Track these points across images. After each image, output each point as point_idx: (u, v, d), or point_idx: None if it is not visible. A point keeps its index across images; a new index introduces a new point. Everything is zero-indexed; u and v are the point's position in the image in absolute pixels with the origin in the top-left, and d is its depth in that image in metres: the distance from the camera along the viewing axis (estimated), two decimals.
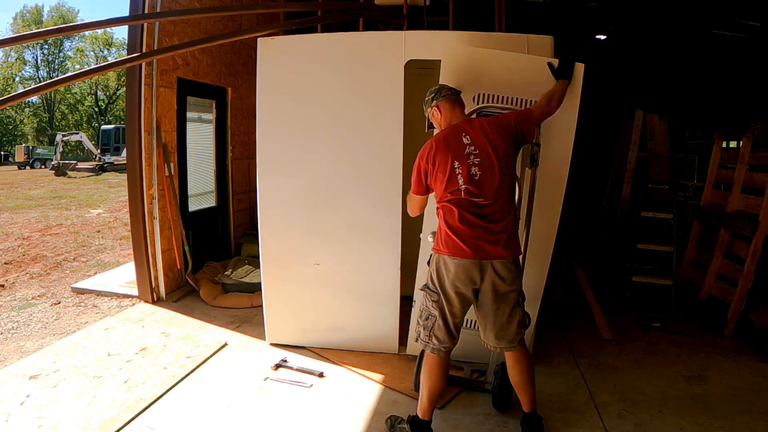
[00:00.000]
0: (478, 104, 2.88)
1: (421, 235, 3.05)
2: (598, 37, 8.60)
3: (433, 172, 2.41)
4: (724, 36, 7.59)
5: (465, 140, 2.39)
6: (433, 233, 2.86)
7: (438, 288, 2.44)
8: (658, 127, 6.38)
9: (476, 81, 2.87)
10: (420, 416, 2.48)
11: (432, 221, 2.95)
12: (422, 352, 2.75)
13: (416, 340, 2.58)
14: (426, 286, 2.50)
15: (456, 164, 2.36)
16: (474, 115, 2.77)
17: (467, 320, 3.11)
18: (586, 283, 5.01)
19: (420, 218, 3.03)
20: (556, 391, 3.00)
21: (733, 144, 6.02)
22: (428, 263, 2.54)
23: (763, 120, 4.10)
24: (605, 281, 5.12)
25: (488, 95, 2.87)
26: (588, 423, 2.69)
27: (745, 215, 3.98)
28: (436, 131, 2.62)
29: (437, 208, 2.48)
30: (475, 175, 2.34)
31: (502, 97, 2.85)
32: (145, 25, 4.12)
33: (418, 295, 2.83)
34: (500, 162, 2.36)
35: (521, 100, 2.83)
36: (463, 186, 2.35)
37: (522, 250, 2.52)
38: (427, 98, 2.59)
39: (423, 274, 3.03)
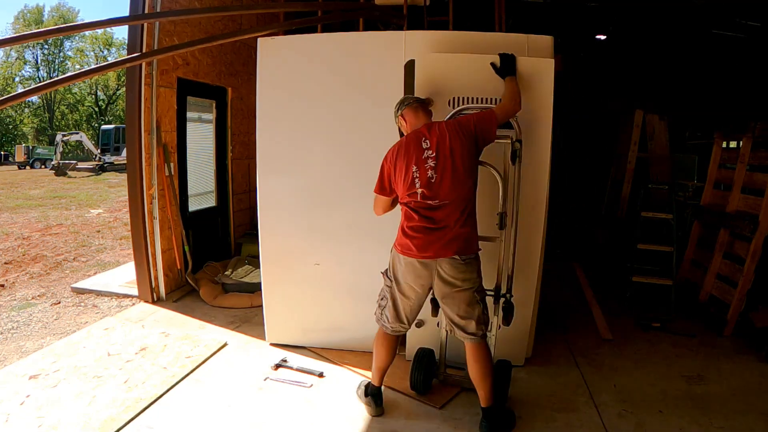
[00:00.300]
0: (453, 107, 2.90)
1: None
2: (598, 37, 8.60)
3: (395, 175, 2.55)
4: (724, 36, 7.59)
5: (424, 145, 2.49)
6: None
7: (392, 277, 2.64)
8: (658, 127, 6.38)
9: (450, 85, 2.92)
10: (373, 383, 2.80)
11: None
12: (416, 354, 2.92)
13: (374, 314, 2.77)
14: (385, 271, 2.72)
15: (414, 168, 2.47)
16: (446, 118, 2.81)
17: None
18: (586, 283, 5.01)
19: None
20: (556, 391, 3.00)
21: (733, 144, 6.01)
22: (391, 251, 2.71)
23: (763, 120, 4.10)
24: (605, 281, 5.12)
25: (463, 98, 2.91)
26: (588, 423, 2.69)
27: (745, 215, 3.98)
28: None
29: (401, 207, 2.61)
30: (431, 178, 2.45)
31: (477, 98, 2.89)
32: (145, 25, 4.12)
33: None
34: (455, 164, 2.44)
35: (497, 99, 2.85)
36: (420, 189, 2.47)
37: (478, 248, 2.56)
38: (394, 109, 2.72)
39: None
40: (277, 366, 3.26)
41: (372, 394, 2.78)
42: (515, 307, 2.80)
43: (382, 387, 2.83)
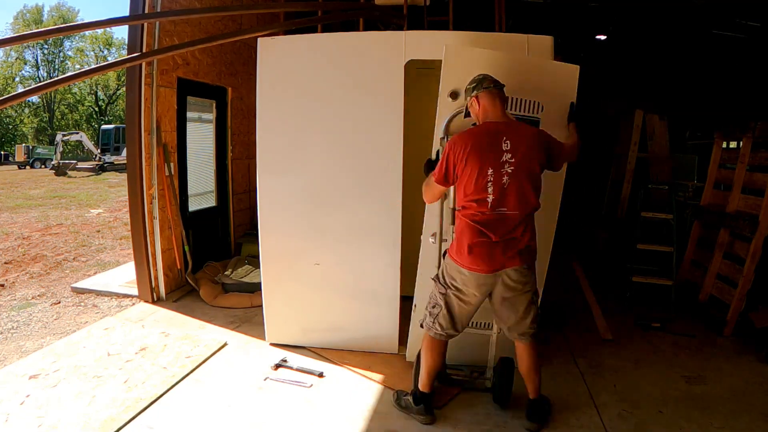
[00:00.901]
0: None
1: (422, 237, 3.05)
2: (598, 37, 8.60)
3: (463, 169, 2.39)
4: (724, 36, 7.59)
5: (504, 146, 2.35)
6: (434, 235, 2.92)
7: (448, 284, 2.55)
8: (658, 128, 6.37)
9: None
10: (422, 389, 2.70)
11: (433, 223, 2.97)
12: (418, 356, 2.85)
13: (421, 325, 2.71)
14: (437, 277, 2.62)
15: (489, 171, 2.34)
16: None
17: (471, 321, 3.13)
18: (586, 283, 5.01)
19: (420, 218, 3.04)
20: (556, 392, 2.99)
21: (733, 144, 6.01)
22: (443, 255, 2.65)
23: (763, 120, 4.10)
24: (605, 281, 5.12)
25: None
26: (588, 423, 2.69)
27: (745, 216, 3.98)
28: (473, 121, 2.61)
29: (458, 211, 2.50)
30: (505, 185, 2.35)
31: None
32: (146, 25, 4.12)
33: (424, 286, 2.99)
34: (533, 173, 2.39)
35: (521, 100, 2.84)
36: (491, 196, 2.36)
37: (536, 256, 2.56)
38: (468, 86, 2.55)
39: (423, 277, 3.06)
40: (277, 366, 3.26)
41: (425, 401, 2.68)
42: None
43: (388, 388, 2.84)
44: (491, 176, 2.34)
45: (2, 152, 31.50)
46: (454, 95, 2.82)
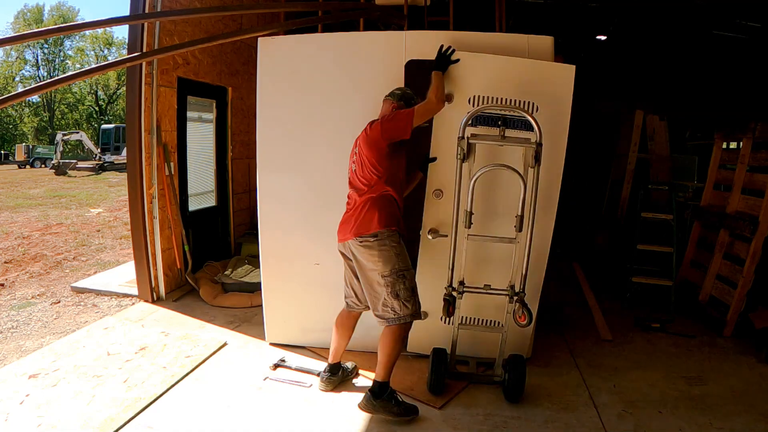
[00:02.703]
0: (474, 106, 2.91)
1: (421, 233, 3.09)
2: (598, 37, 8.60)
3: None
4: (724, 37, 7.59)
5: (357, 141, 2.84)
6: (432, 231, 3.04)
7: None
8: (658, 128, 6.37)
9: (470, 84, 2.92)
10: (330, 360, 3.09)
11: (431, 219, 3.05)
12: (432, 358, 2.98)
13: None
14: None
15: (350, 162, 2.87)
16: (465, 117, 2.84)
17: (468, 318, 3.14)
18: (586, 283, 5.01)
19: (419, 217, 3.05)
20: (555, 392, 3.00)
21: (733, 145, 6.01)
22: None
23: (764, 121, 4.10)
24: (605, 282, 5.12)
25: (483, 97, 2.92)
26: (587, 423, 2.69)
27: (745, 216, 3.98)
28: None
29: None
30: (354, 171, 2.81)
31: (496, 98, 2.90)
32: (146, 24, 4.12)
33: (423, 282, 3.08)
34: (363, 158, 2.74)
35: (514, 100, 2.89)
36: (348, 179, 2.86)
37: (369, 230, 2.68)
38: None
39: (422, 274, 3.09)
40: (276, 366, 3.26)
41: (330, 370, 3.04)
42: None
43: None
44: (350, 164, 2.86)
45: (2, 151, 31.51)
46: (448, 98, 2.89)
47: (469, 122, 2.80)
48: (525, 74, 2.88)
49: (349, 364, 3.17)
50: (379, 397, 2.68)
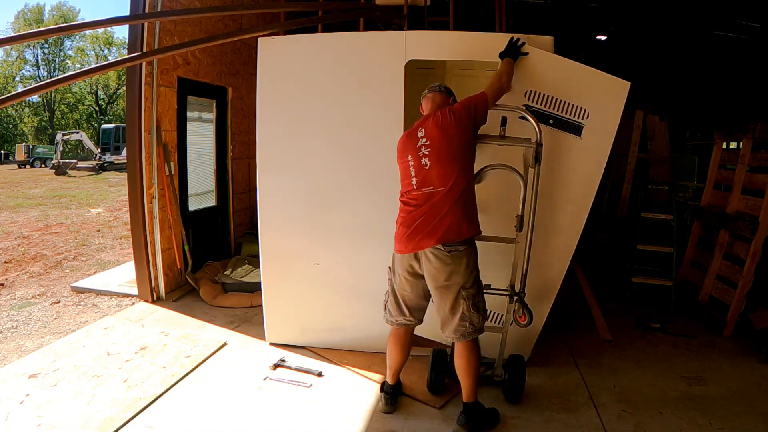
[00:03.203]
0: (528, 100, 2.93)
1: None
2: (598, 37, 8.60)
3: (398, 164, 2.64)
4: (724, 37, 7.59)
5: (419, 134, 2.55)
6: None
7: (392, 270, 2.72)
8: (658, 128, 6.38)
9: (529, 79, 2.93)
10: (387, 380, 2.85)
11: None
12: (432, 357, 2.97)
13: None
14: (389, 266, 2.76)
15: (409, 157, 2.54)
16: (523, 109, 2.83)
17: None
18: (586, 283, 5.01)
19: None
20: (555, 392, 3.00)
21: (733, 145, 6.01)
22: None
23: (764, 121, 4.10)
24: (605, 282, 5.12)
25: (542, 94, 2.92)
26: (587, 424, 2.69)
27: (745, 216, 3.98)
28: None
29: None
30: (425, 166, 2.48)
31: (554, 98, 2.92)
32: (146, 24, 4.12)
33: None
34: (450, 148, 2.47)
35: (570, 104, 2.91)
36: (414, 178, 2.52)
37: (461, 236, 2.47)
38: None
39: None
40: (276, 366, 3.26)
41: (384, 388, 2.84)
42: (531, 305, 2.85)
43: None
44: (411, 161, 2.53)
45: (2, 151, 31.51)
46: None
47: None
48: (580, 80, 2.90)
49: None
50: (476, 418, 2.59)
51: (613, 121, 2.91)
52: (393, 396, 2.81)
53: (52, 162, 22.55)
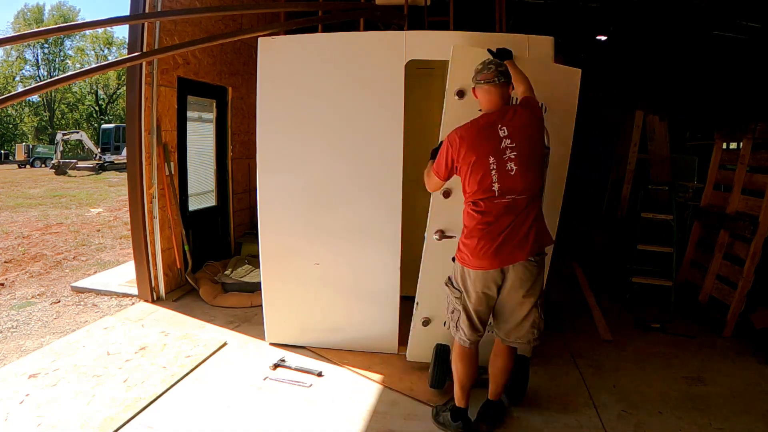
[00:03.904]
0: None
1: (426, 234, 3.06)
2: (598, 37, 8.60)
3: (462, 165, 2.33)
4: (724, 37, 7.59)
5: (501, 133, 2.29)
6: (439, 232, 2.94)
7: (461, 287, 2.44)
8: (658, 129, 6.37)
9: None
10: (456, 404, 2.58)
11: (438, 220, 2.99)
12: (435, 351, 2.91)
13: (447, 327, 2.58)
14: (450, 281, 2.50)
15: (491, 160, 2.27)
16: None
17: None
18: (586, 283, 5.01)
19: (423, 217, 3.04)
20: (555, 392, 3.00)
21: (733, 145, 6.01)
22: (453, 260, 2.50)
23: (764, 121, 4.10)
24: (605, 282, 5.12)
25: None
26: (587, 424, 2.69)
27: (745, 217, 3.98)
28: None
29: (465, 205, 2.42)
30: (510, 171, 2.27)
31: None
32: (146, 24, 4.12)
33: (426, 284, 3.00)
34: (530, 155, 2.30)
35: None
36: (497, 184, 2.27)
37: (547, 243, 2.42)
38: (473, 74, 2.47)
39: (426, 275, 3.07)
40: (276, 366, 3.26)
41: (458, 415, 2.57)
42: None
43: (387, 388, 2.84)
44: (493, 164, 2.26)
45: (2, 151, 31.51)
46: (460, 94, 2.86)
47: None
48: (536, 75, 2.85)
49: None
50: (502, 416, 2.64)
51: (571, 108, 2.93)
52: (469, 421, 2.58)
53: (52, 162, 22.55)
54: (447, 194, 2.98)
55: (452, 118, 2.90)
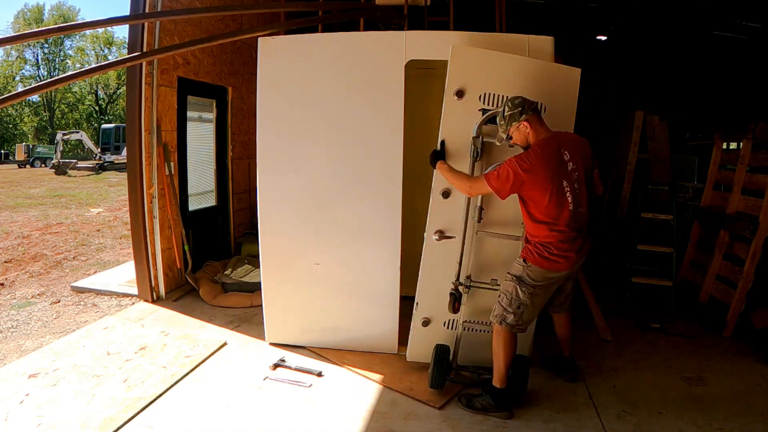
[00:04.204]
0: (483, 103, 2.91)
1: (425, 235, 3.07)
2: (598, 38, 8.60)
3: (533, 186, 2.56)
4: (724, 37, 7.59)
5: (565, 157, 2.60)
6: (439, 232, 2.99)
7: (535, 285, 2.71)
8: (658, 129, 6.36)
9: (484, 81, 2.90)
10: (500, 386, 2.76)
11: (438, 220, 3.01)
12: (435, 352, 2.95)
13: (500, 323, 2.76)
14: (521, 280, 2.71)
15: (564, 183, 2.57)
16: (481, 113, 2.85)
17: (477, 321, 3.11)
18: (586, 284, 5.00)
19: (423, 217, 3.05)
20: (555, 392, 3.00)
21: (733, 145, 6.01)
22: (523, 260, 2.73)
23: (764, 121, 4.10)
24: (605, 282, 5.11)
25: (495, 95, 2.89)
26: (587, 424, 2.69)
27: (745, 217, 3.98)
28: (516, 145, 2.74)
29: (538, 222, 2.63)
30: (578, 191, 2.61)
31: (502, 97, 2.88)
32: (146, 24, 4.12)
33: (426, 284, 3.08)
34: (584, 175, 2.65)
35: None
36: (571, 203, 2.59)
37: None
38: (511, 112, 2.62)
39: (426, 275, 3.08)
40: (276, 366, 3.26)
41: (502, 395, 2.77)
42: None
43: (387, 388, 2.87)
44: (567, 186, 2.58)
45: (2, 151, 31.50)
46: (459, 94, 2.87)
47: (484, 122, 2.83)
48: (535, 75, 2.89)
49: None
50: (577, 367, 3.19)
51: (571, 107, 2.94)
52: (510, 399, 2.80)
53: (52, 162, 22.54)
54: (446, 194, 2.98)
55: (451, 118, 2.91)
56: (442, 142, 2.94)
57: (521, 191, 2.62)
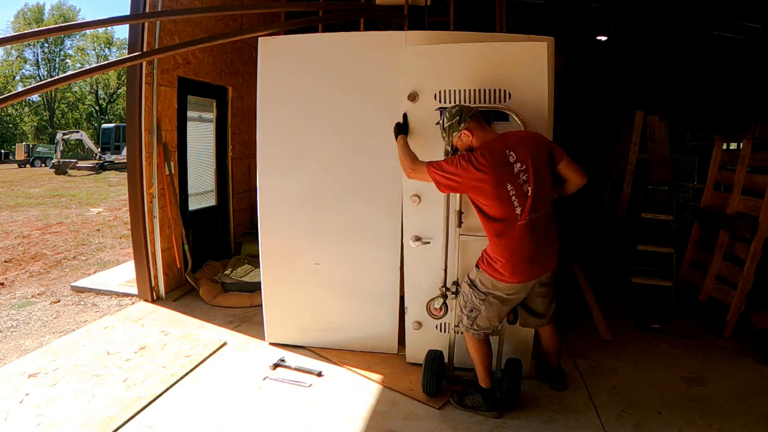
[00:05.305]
0: (440, 102, 2.89)
1: (403, 241, 3.09)
2: (598, 38, 8.60)
3: (475, 191, 2.48)
4: (725, 38, 7.59)
5: (511, 158, 2.44)
6: (416, 237, 3.01)
7: (487, 292, 2.64)
8: (658, 129, 6.36)
9: (437, 79, 2.89)
10: (484, 386, 2.78)
11: (412, 226, 3.03)
12: (427, 357, 2.94)
13: (456, 326, 2.82)
14: (474, 285, 2.68)
15: (509, 187, 2.43)
16: (439, 113, 2.80)
17: None
18: (586, 284, 5.01)
19: None
20: (555, 392, 3.00)
21: (733, 146, 6.00)
22: (476, 266, 2.68)
23: (764, 122, 4.09)
24: (605, 282, 5.12)
25: (452, 91, 2.87)
26: (587, 424, 2.69)
27: (745, 217, 3.98)
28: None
29: (489, 230, 2.55)
30: (527, 193, 2.44)
31: (467, 90, 2.86)
32: (146, 24, 4.12)
33: (412, 289, 3.09)
34: (546, 173, 2.50)
35: (486, 90, 2.83)
36: (518, 208, 2.45)
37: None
38: (449, 122, 2.56)
39: (411, 280, 3.11)
40: (276, 365, 3.26)
41: (489, 394, 2.78)
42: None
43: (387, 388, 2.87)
44: (512, 190, 2.44)
45: (2, 151, 31.51)
46: (412, 97, 2.90)
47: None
48: (492, 59, 2.78)
49: None
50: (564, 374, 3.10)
51: (541, 88, 2.77)
52: (495, 398, 2.78)
53: (52, 161, 22.56)
54: (415, 201, 2.99)
55: (414, 123, 2.93)
56: (404, 115, 2.92)
57: (465, 192, 2.54)
